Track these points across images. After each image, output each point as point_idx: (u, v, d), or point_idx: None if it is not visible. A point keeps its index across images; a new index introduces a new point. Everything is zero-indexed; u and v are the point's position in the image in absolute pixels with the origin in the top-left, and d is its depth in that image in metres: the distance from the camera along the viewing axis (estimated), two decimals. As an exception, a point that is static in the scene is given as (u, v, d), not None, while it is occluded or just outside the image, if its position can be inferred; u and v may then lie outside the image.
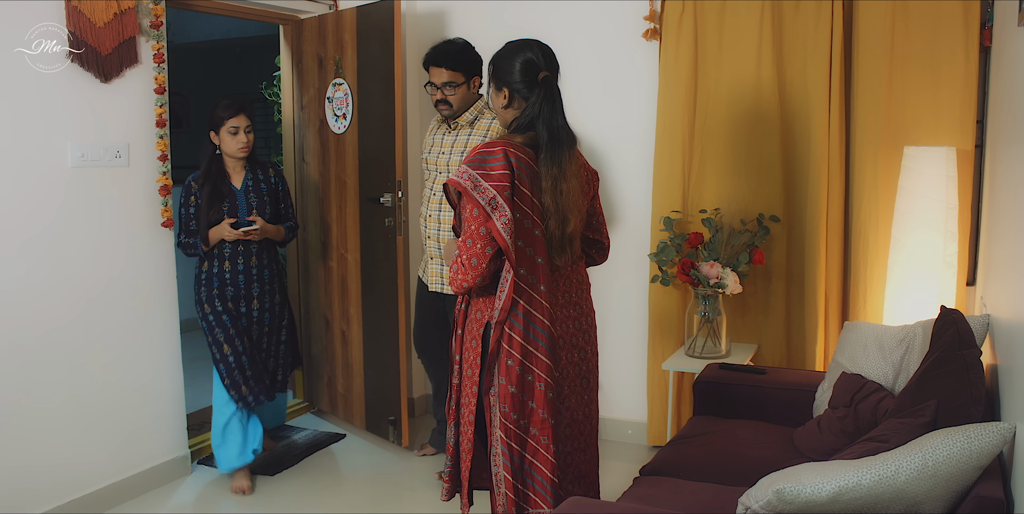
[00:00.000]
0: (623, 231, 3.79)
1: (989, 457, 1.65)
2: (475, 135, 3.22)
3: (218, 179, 3.25)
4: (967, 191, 3.11)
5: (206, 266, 3.30)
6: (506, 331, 2.17)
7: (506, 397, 2.17)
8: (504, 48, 2.32)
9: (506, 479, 2.20)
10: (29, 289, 2.85)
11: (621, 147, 3.76)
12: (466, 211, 2.16)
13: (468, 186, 2.12)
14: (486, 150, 2.18)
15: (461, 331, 2.33)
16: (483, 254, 2.13)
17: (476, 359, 2.25)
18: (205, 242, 3.22)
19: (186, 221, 3.26)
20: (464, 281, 2.16)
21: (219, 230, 3.21)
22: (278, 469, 3.51)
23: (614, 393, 3.86)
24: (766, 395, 2.89)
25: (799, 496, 1.62)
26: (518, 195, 2.15)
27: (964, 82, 3.09)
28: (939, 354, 2.06)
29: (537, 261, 2.19)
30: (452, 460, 2.37)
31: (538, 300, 2.19)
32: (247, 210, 3.30)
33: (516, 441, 2.19)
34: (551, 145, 2.20)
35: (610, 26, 3.71)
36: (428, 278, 3.38)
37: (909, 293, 3.00)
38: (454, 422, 2.36)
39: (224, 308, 3.28)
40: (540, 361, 2.19)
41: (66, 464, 2.99)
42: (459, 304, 2.35)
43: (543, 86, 2.24)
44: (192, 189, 3.24)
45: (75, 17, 2.86)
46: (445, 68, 3.14)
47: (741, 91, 3.45)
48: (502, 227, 2.10)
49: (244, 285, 3.32)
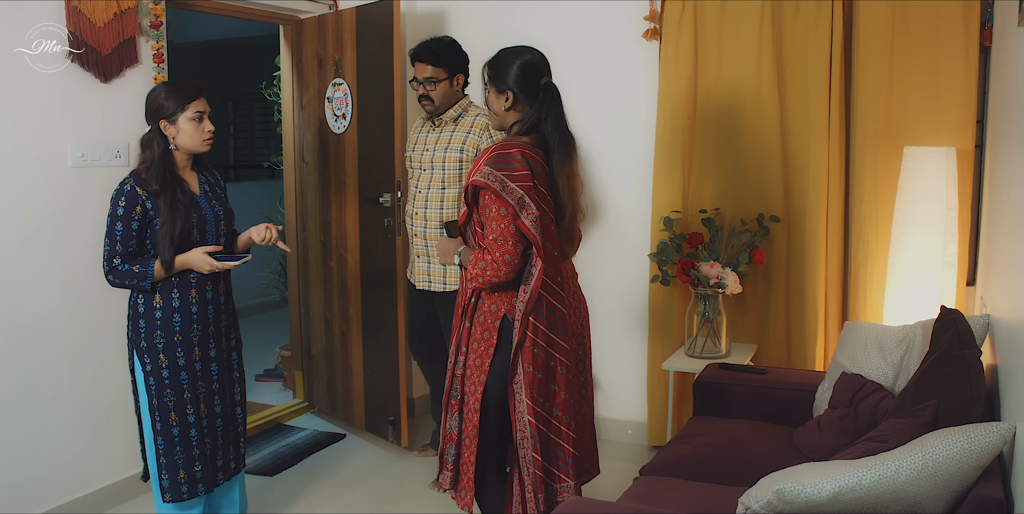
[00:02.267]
0: (623, 231, 3.79)
1: (989, 457, 1.65)
2: (459, 131, 3.25)
3: (176, 185, 2.50)
4: (967, 191, 3.11)
5: (159, 300, 2.49)
6: (531, 321, 2.29)
7: (533, 383, 2.30)
8: (501, 53, 2.41)
9: (535, 459, 2.32)
10: (29, 289, 2.85)
11: (621, 147, 3.76)
12: (491, 210, 2.25)
13: (497, 187, 2.21)
14: (504, 152, 2.27)
15: (470, 324, 2.40)
16: (515, 251, 2.24)
17: (488, 349, 2.34)
18: (168, 268, 2.46)
19: (125, 240, 2.44)
20: (495, 277, 2.25)
21: (194, 260, 2.48)
22: (278, 469, 3.51)
23: (614, 393, 3.86)
24: (766, 395, 2.88)
25: (799, 496, 1.62)
26: (537, 193, 2.27)
27: (964, 82, 3.09)
28: (939, 354, 2.06)
29: (555, 255, 2.35)
30: (455, 448, 2.43)
31: (558, 291, 2.35)
32: (215, 224, 2.59)
33: (543, 423, 2.33)
34: (562, 146, 2.33)
35: (610, 26, 3.71)
36: (415, 277, 3.38)
37: (909, 293, 3.00)
38: (457, 412, 2.42)
39: (187, 361, 2.52)
40: (561, 346, 2.35)
41: (66, 464, 2.99)
42: (467, 298, 2.41)
43: (546, 90, 2.35)
44: (139, 197, 2.44)
45: (75, 17, 2.86)
46: (428, 64, 3.19)
47: (741, 91, 3.45)
48: (531, 224, 2.22)
49: (213, 319, 2.58)
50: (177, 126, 2.50)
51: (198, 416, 2.56)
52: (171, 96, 2.49)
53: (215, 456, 2.64)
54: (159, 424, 2.51)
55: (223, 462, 2.68)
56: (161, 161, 2.50)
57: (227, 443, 2.69)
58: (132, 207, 2.44)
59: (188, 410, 2.53)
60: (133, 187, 2.46)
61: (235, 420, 2.72)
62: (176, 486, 2.53)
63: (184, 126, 2.50)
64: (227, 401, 2.67)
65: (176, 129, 2.51)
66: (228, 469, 2.70)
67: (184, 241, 2.49)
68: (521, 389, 2.31)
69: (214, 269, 2.50)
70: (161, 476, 2.53)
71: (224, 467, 2.68)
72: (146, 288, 2.47)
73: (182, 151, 2.55)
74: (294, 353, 4.33)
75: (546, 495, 2.36)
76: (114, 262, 2.45)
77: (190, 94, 2.50)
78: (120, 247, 2.44)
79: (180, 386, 2.52)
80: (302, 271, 4.19)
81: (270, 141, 9.18)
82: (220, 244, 2.60)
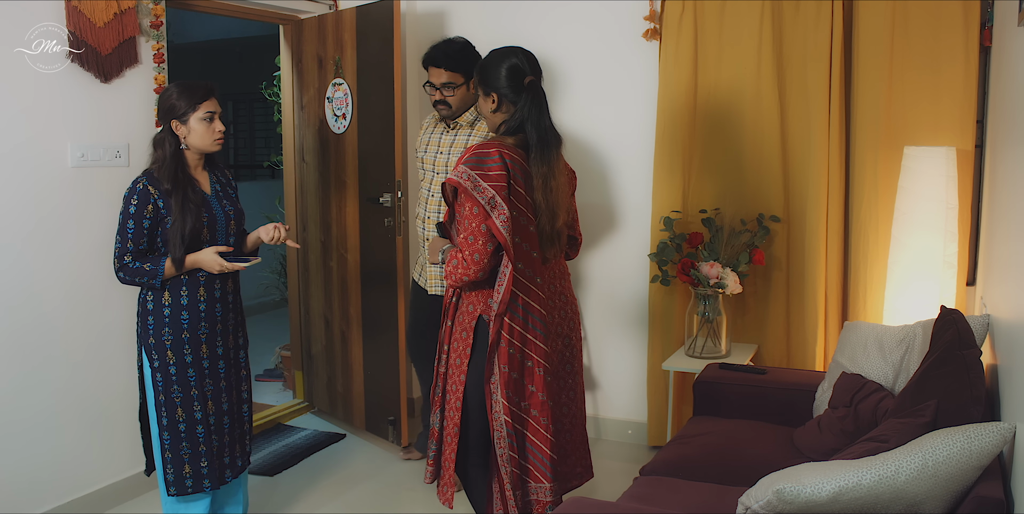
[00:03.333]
0: (623, 231, 3.79)
1: (989, 457, 1.65)
2: (475, 136, 3.21)
3: (187, 184, 2.54)
4: (967, 191, 3.11)
5: (168, 297, 2.54)
6: (506, 321, 2.30)
7: (508, 383, 2.32)
8: (489, 55, 2.44)
9: (512, 458, 2.34)
10: (29, 289, 2.85)
11: (621, 147, 3.76)
12: (464, 209, 2.26)
13: (468, 186, 2.22)
14: (482, 151, 2.28)
15: (451, 323, 2.43)
16: (484, 250, 2.25)
17: (466, 349, 2.37)
18: (178, 267, 2.50)
19: (136, 238, 2.48)
20: (464, 275, 2.26)
21: (205, 260, 2.52)
22: (278, 469, 3.51)
23: (614, 393, 3.86)
24: (766, 395, 2.89)
25: (799, 496, 1.62)
26: (514, 194, 2.28)
27: (964, 82, 3.09)
28: (939, 354, 2.06)
29: (532, 255, 2.35)
30: (436, 444, 2.46)
31: (535, 291, 2.36)
32: (225, 224, 2.62)
33: (518, 421, 2.35)
34: (540, 145, 2.33)
35: (610, 26, 3.71)
36: (427, 282, 3.37)
37: (909, 293, 3.00)
38: (439, 409, 2.46)
39: (195, 358, 2.56)
40: (538, 348, 2.36)
41: (66, 464, 2.99)
42: (449, 297, 2.45)
43: (529, 90, 2.37)
44: (151, 196, 2.49)
45: (75, 17, 2.86)
46: (445, 69, 3.13)
47: (741, 91, 3.45)
48: (501, 225, 2.23)
49: (220, 317, 2.62)
50: (188, 126, 2.54)
51: (205, 413, 2.59)
52: (183, 96, 2.52)
53: (222, 453, 2.66)
54: (165, 420, 2.54)
55: (230, 459, 2.70)
56: (173, 160, 2.54)
57: (233, 441, 2.71)
58: (144, 205, 2.48)
59: (195, 407, 2.57)
60: (145, 186, 2.50)
61: (242, 418, 2.75)
62: (181, 480, 2.57)
63: (195, 126, 2.54)
64: (234, 399, 2.70)
65: (187, 129, 2.55)
66: (235, 467, 2.72)
67: (194, 240, 2.53)
68: (497, 389, 2.32)
69: (224, 270, 2.53)
70: (166, 470, 2.56)
71: (232, 464, 2.70)
72: (156, 286, 2.51)
73: (193, 151, 2.59)
74: (294, 353, 4.33)
75: (522, 493, 2.39)
76: (125, 259, 2.49)
77: (201, 94, 2.54)
78: (131, 245, 2.49)
79: (187, 383, 2.55)
80: (302, 271, 4.19)
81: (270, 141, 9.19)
82: (230, 243, 2.64)
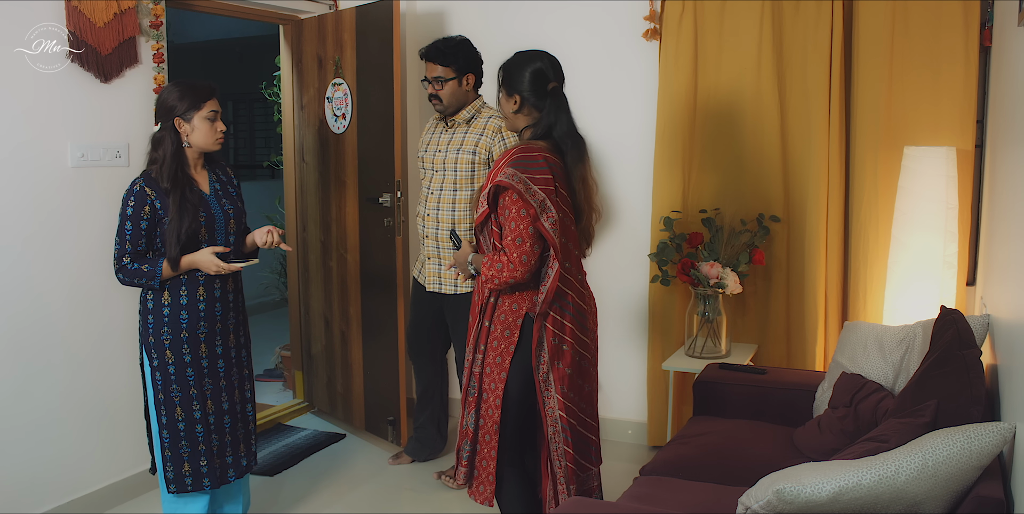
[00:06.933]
0: (623, 231, 3.79)
1: (989, 457, 1.65)
2: (472, 133, 3.24)
3: (186, 184, 2.53)
4: (967, 191, 3.11)
5: (168, 297, 2.53)
6: (558, 319, 2.38)
7: (563, 379, 2.39)
8: (514, 57, 2.47)
9: (567, 453, 2.42)
10: (30, 289, 2.85)
11: (621, 147, 3.76)
12: (511, 211, 2.29)
13: (521, 189, 2.27)
14: (526, 155, 2.34)
15: (489, 322, 2.43)
16: (532, 252, 2.30)
17: (509, 347, 2.39)
18: (175, 267, 2.49)
19: (134, 239, 2.49)
20: (511, 277, 2.30)
21: (201, 261, 2.51)
22: (278, 469, 3.51)
23: (614, 393, 3.86)
24: (766, 395, 2.89)
25: (799, 496, 1.62)
26: (559, 196, 2.35)
27: (964, 82, 3.09)
28: (939, 354, 2.06)
29: (575, 254, 2.46)
30: (471, 445, 2.47)
31: (578, 288, 2.45)
32: (224, 223, 2.61)
33: (573, 417, 2.43)
34: (575, 150, 2.42)
35: (610, 26, 3.71)
36: (425, 278, 3.38)
37: (909, 293, 3.00)
38: (475, 409, 2.46)
39: (194, 357, 2.55)
40: (586, 343, 2.47)
41: (66, 464, 2.99)
42: (486, 298, 2.45)
43: (553, 96, 2.41)
44: (148, 197, 2.48)
45: (75, 17, 2.86)
46: (437, 63, 3.20)
47: (741, 91, 3.45)
48: (550, 227, 2.29)
49: (220, 317, 2.62)
50: (192, 124, 2.54)
51: (204, 412, 2.59)
52: (187, 95, 2.53)
53: (223, 453, 2.65)
54: (164, 418, 2.55)
55: (233, 459, 2.69)
56: (173, 159, 2.53)
57: (236, 440, 2.70)
58: (141, 207, 2.48)
59: (194, 406, 2.57)
60: (143, 187, 2.49)
61: (246, 417, 2.74)
62: (180, 478, 2.57)
63: (199, 124, 2.54)
64: (235, 398, 2.69)
65: (191, 127, 2.54)
66: (239, 466, 2.71)
67: (192, 240, 2.52)
68: (551, 385, 2.39)
69: (220, 271, 2.52)
70: (166, 468, 2.57)
71: (235, 464, 2.69)
72: (155, 286, 2.52)
73: (194, 149, 2.58)
74: (294, 353, 4.33)
75: (577, 484, 2.47)
76: (123, 261, 2.49)
77: (205, 94, 2.55)
78: (129, 246, 2.49)
79: (186, 382, 2.56)
80: (302, 271, 4.19)
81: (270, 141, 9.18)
82: (229, 243, 2.63)
